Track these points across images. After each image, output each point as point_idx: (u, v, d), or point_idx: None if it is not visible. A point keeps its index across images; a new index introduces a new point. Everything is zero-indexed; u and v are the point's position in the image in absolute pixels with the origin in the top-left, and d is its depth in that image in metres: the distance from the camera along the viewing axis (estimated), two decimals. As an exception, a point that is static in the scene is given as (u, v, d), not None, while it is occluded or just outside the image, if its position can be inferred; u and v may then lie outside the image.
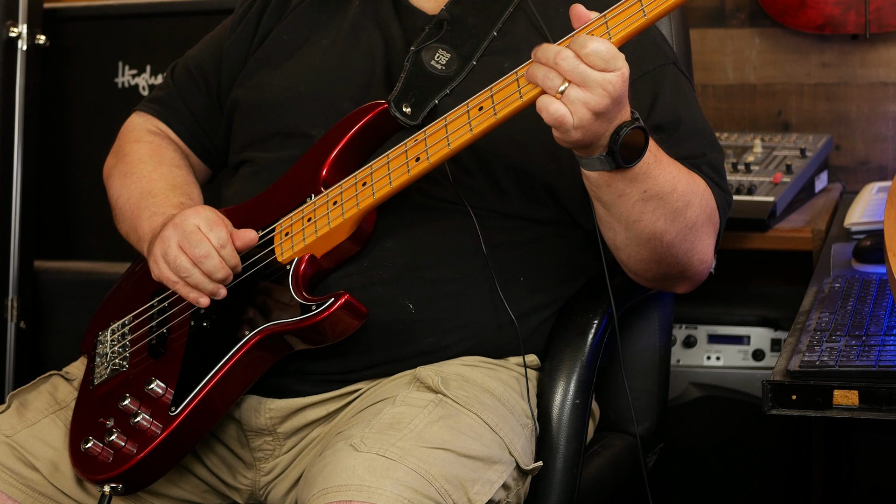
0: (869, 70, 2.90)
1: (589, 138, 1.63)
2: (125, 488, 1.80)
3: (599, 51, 1.58)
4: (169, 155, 2.06)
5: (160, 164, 2.02)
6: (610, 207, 1.76)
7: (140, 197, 1.97)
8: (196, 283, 1.80)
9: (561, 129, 1.61)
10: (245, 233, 1.82)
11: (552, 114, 1.60)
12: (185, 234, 1.79)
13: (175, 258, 1.79)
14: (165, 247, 1.81)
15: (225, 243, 1.80)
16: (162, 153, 2.05)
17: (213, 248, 1.79)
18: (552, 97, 1.60)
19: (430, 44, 1.90)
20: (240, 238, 1.82)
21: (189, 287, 1.81)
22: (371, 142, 1.86)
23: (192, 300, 1.81)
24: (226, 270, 1.80)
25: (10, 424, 1.87)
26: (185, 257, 1.79)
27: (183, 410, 1.77)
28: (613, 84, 1.59)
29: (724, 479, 2.74)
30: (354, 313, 1.76)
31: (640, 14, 1.61)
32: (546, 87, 1.60)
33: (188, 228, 1.80)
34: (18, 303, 2.83)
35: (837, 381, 1.68)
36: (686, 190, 1.78)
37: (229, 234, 1.81)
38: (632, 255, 1.83)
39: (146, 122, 2.11)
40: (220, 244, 1.80)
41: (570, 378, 1.90)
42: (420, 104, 1.85)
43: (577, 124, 1.60)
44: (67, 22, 2.98)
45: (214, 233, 1.80)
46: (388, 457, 1.64)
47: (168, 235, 1.81)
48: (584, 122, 1.60)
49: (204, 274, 1.79)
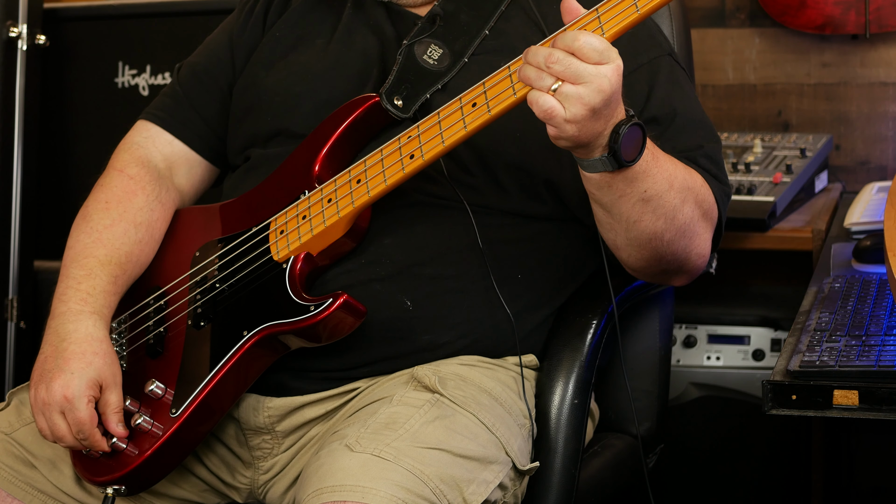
0: (869, 70, 2.90)
1: (586, 136, 1.62)
2: (128, 490, 1.80)
3: (592, 43, 1.57)
4: (137, 203, 1.96)
5: (120, 219, 1.94)
6: (610, 209, 1.76)
7: (74, 257, 1.92)
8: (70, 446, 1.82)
9: (552, 122, 1.60)
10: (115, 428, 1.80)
11: (541, 106, 1.59)
12: (50, 416, 1.78)
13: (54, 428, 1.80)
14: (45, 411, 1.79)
15: (86, 434, 1.78)
16: (131, 200, 1.96)
17: (74, 439, 1.79)
18: (543, 92, 1.59)
19: (422, 38, 1.89)
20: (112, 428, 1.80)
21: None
22: (363, 135, 1.85)
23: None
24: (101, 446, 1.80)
25: (10, 422, 1.87)
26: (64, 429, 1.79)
27: (184, 412, 1.77)
28: (608, 77, 1.58)
29: (724, 479, 2.74)
30: (353, 313, 1.76)
31: (633, 9, 1.61)
32: (539, 87, 1.59)
33: (54, 408, 1.78)
34: (18, 303, 2.83)
35: (837, 381, 1.67)
36: (683, 186, 1.78)
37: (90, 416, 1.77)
38: (632, 254, 1.83)
39: (146, 141, 2.04)
40: (78, 432, 1.78)
41: (568, 378, 1.90)
42: (411, 97, 1.85)
43: (571, 118, 1.59)
44: (67, 22, 2.98)
45: (72, 418, 1.77)
46: (383, 457, 1.64)
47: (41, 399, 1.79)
48: (579, 117, 1.59)
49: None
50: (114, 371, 1.81)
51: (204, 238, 1.93)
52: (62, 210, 3.01)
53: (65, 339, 1.81)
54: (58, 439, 1.80)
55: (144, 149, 2.03)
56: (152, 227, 1.97)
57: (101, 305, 1.86)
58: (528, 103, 1.61)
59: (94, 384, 1.78)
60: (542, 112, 1.60)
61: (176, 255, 1.95)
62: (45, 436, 1.81)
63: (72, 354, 1.79)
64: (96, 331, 1.82)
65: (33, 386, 1.81)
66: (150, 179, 2.00)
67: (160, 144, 2.05)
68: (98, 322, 1.83)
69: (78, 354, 1.79)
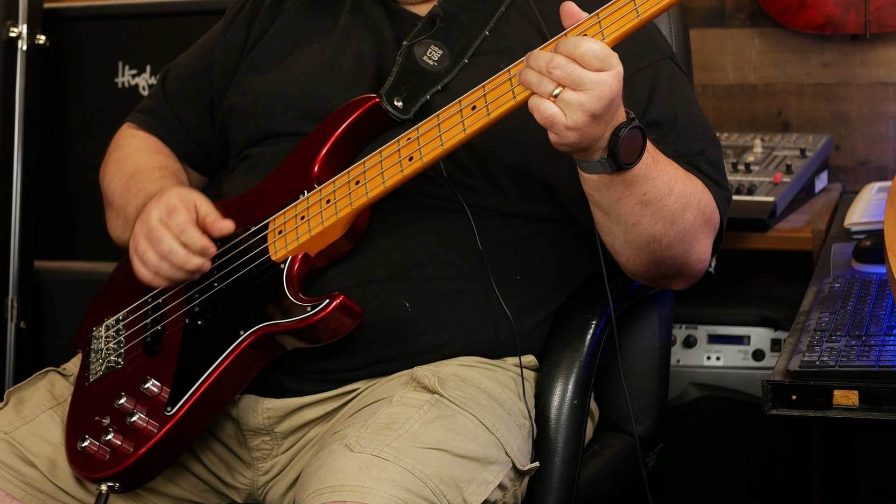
0: (869, 70, 2.90)
1: (586, 141, 1.62)
2: (122, 487, 1.80)
3: (594, 50, 1.57)
4: (165, 151, 2.08)
5: (157, 153, 2.05)
6: (609, 211, 1.76)
7: (130, 176, 1.99)
8: (169, 276, 1.81)
9: (554, 129, 1.60)
10: (221, 223, 1.81)
11: (542, 113, 1.59)
12: (149, 229, 1.80)
13: (144, 253, 1.81)
14: (136, 242, 1.82)
15: (183, 228, 1.79)
16: (159, 147, 2.08)
17: (175, 241, 1.78)
18: (544, 98, 1.59)
19: (422, 39, 1.89)
20: (215, 228, 1.81)
21: (164, 279, 1.81)
22: (363, 136, 1.85)
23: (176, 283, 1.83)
24: (194, 261, 1.79)
25: (8, 421, 1.87)
26: (152, 252, 1.80)
27: (179, 410, 1.77)
28: (609, 84, 1.58)
29: (724, 479, 2.74)
30: (349, 314, 1.76)
31: (634, 14, 1.60)
32: (540, 92, 1.59)
33: (152, 224, 1.80)
34: (18, 303, 2.83)
35: (837, 381, 1.67)
36: (683, 191, 1.78)
37: (192, 219, 1.79)
38: (630, 257, 1.83)
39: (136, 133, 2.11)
40: (178, 231, 1.79)
41: (568, 379, 1.90)
42: (412, 99, 1.85)
43: (572, 125, 1.59)
44: (67, 22, 2.98)
45: (173, 220, 1.79)
46: (383, 457, 1.64)
47: (136, 231, 1.83)
48: (580, 124, 1.60)
49: (175, 267, 1.80)
50: (203, 196, 1.83)
51: None
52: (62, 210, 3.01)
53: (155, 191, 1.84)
54: (157, 243, 1.78)
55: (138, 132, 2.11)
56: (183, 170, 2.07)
57: (181, 182, 1.96)
58: (529, 109, 1.61)
59: (186, 195, 1.82)
60: (544, 119, 1.60)
61: None
62: (148, 258, 1.79)
63: (165, 188, 1.85)
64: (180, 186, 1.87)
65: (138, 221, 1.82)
66: (162, 144, 2.09)
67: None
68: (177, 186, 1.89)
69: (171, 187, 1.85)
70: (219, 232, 1.82)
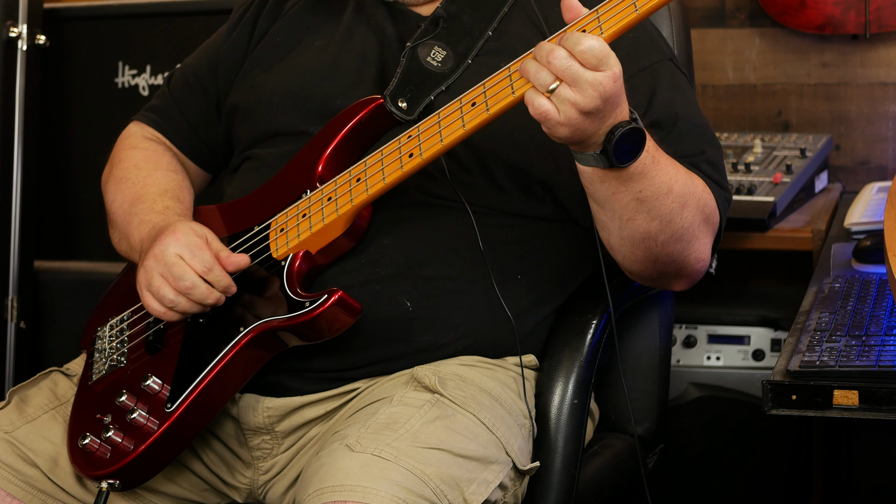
0: (869, 70, 2.90)
1: (579, 136, 1.64)
2: (122, 485, 1.80)
3: (594, 48, 1.58)
4: (165, 160, 2.06)
5: (155, 169, 2.02)
6: (603, 205, 1.76)
7: (132, 203, 1.97)
8: (185, 311, 1.79)
9: (547, 123, 1.62)
10: (237, 258, 1.81)
11: (537, 108, 1.61)
12: (167, 266, 1.78)
13: (159, 289, 1.78)
14: (149, 279, 1.79)
15: (210, 266, 1.79)
16: (158, 158, 2.06)
17: (198, 277, 1.78)
18: (539, 93, 1.60)
19: (425, 40, 1.90)
20: (231, 263, 1.81)
21: (178, 314, 1.80)
22: (367, 137, 1.86)
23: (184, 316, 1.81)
24: (215, 295, 1.79)
25: (10, 420, 1.87)
26: (168, 288, 1.78)
27: (179, 407, 1.77)
28: (603, 84, 1.59)
29: (724, 479, 2.74)
30: (348, 310, 1.76)
31: (632, 9, 1.61)
32: (537, 83, 1.61)
33: (169, 260, 1.78)
34: (18, 303, 2.83)
35: (837, 381, 1.67)
36: (683, 191, 1.78)
37: (214, 256, 1.79)
38: (626, 255, 1.83)
39: (142, 130, 2.12)
40: (204, 269, 1.78)
41: (568, 378, 1.90)
42: (416, 100, 1.86)
43: (564, 121, 1.61)
44: (67, 22, 2.98)
45: (198, 259, 1.78)
46: (384, 457, 1.64)
47: (150, 267, 1.79)
48: (572, 121, 1.61)
49: (194, 302, 1.79)
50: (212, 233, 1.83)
51: None
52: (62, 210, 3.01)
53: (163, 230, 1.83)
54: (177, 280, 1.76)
55: (145, 133, 2.11)
56: (185, 176, 2.06)
57: (181, 213, 1.93)
58: (524, 101, 1.62)
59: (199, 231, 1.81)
60: (537, 113, 1.61)
61: None
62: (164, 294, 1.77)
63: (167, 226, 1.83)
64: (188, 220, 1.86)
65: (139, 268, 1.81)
66: (165, 147, 2.09)
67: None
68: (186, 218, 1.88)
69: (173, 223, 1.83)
70: (234, 267, 1.81)
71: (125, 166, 2.04)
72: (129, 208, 1.96)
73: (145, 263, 1.80)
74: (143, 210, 1.94)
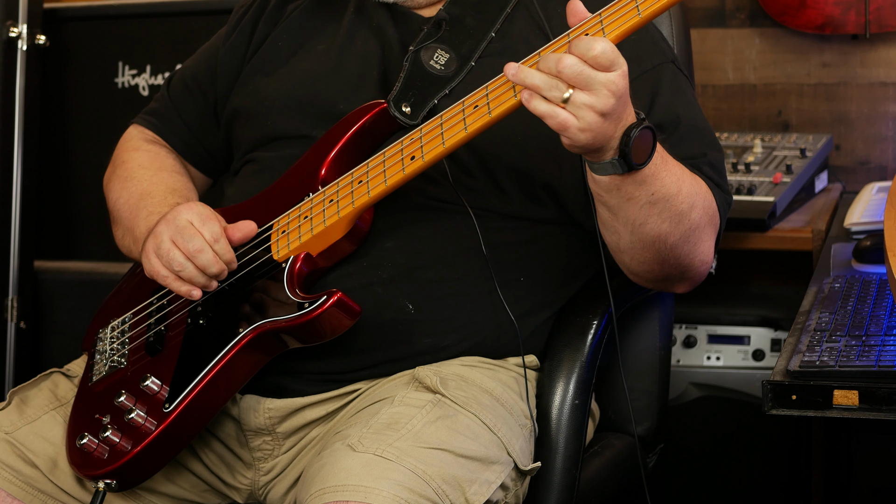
0: (869, 70, 2.90)
1: (600, 141, 1.62)
2: (119, 485, 1.80)
3: (607, 51, 1.57)
4: (169, 162, 2.07)
5: (160, 170, 2.03)
6: (617, 212, 1.75)
7: (139, 198, 1.98)
8: (189, 277, 1.80)
9: (567, 133, 1.60)
10: (243, 224, 1.83)
11: (555, 119, 1.58)
12: (178, 228, 1.80)
13: (168, 252, 1.79)
14: (158, 242, 1.81)
15: (218, 237, 1.80)
16: (162, 160, 2.07)
17: (207, 243, 1.79)
18: (553, 104, 1.58)
19: (428, 44, 1.89)
20: (238, 230, 1.82)
21: (181, 281, 1.81)
22: (371, 141, 1.86)
23: (185, 293, 1.82)
24: (220, 265, 1.80)
25: (11, 421, 1.87)
26: (178, 251, 1.79)
27: (176, 407, 1.77)
28: (616, 83, 1.58)
29: (724, 479, 2.74)
30: (347, 311, 1.76)
31: (635, 12, 1.61)
32: (551, 97, 1.58)
33: (181, 223, 1.80)
34: (18, 303, 2.83)
35: (837, 381, 1.67)
36: (690, 191, 1.78)
37: (222, 229, 1.81)
38: (635, 257, 1.83)
39: (143, 134, 2.12)
40: (213, 238, 1.80)
41: (569, 379, 1.90)
42: (419, 104, 1.85)
43: (585, 127, 1.59)
44: (67, 22, 2.99)
45: (207, 227, 1.80)
46: (386, 457, 1.64)
47: (160, 231, 1.81)
48: (593, 125, 1.59)
49: (198, 269, 1.79)
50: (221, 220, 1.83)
51: None
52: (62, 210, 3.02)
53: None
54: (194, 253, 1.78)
55: (146, 136, 2.11)
56: (189, 178, 2.06)
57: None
58: (539, 117, 1.60)
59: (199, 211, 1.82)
60: (556, 124, 1.59)
61: None
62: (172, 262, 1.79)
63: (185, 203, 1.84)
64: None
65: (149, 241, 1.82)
66: (167, 149, 2.10)
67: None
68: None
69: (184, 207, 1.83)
70: (241, 234, 1.82)
71: (130, 166, 2.05)
72: (136, 202, 1.97)
73: (156, 229, 1.82)
74: (152, 203, 1.95)
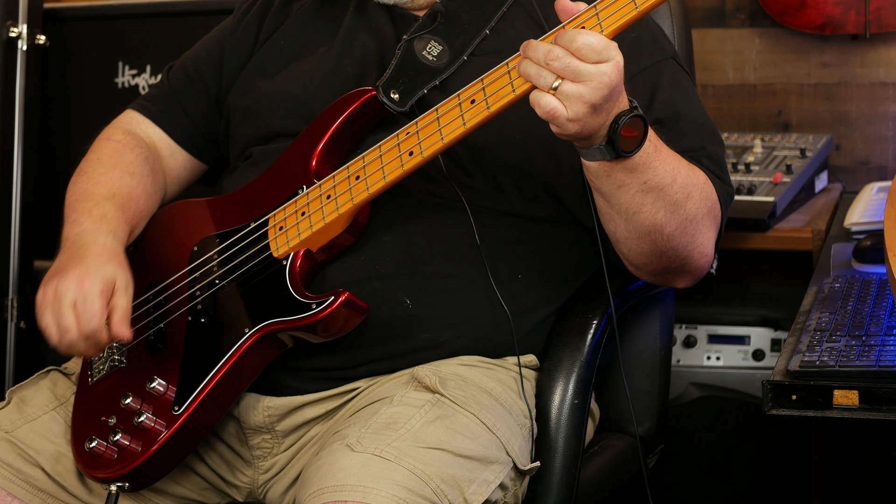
0: (869, 70, 2.90)
1: (588, 130, 1.63)
2: (132, 487, 1.80)
3: (591, 43, 1.57)
4: (128, 160, 2.01)
5: (113, 168, 1.99)
6: (609, 199, 1.76)
7: (77, 199, 1.95)
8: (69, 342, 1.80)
9: (556, 122, 1.61)
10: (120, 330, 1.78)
11: (544, 108, 1.60)
12: (60, 313, 1.77)
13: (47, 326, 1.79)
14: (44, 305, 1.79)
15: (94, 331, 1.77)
16: (122, 156, 2.02)
17: (80, 335, 1.77)
18: (544, 92, 1.59)
19: (422, 34, 1.90)
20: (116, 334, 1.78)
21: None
22: (359, 129, 1.86)
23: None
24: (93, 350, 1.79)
25: (11, 420, 1.87)
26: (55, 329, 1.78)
27: (186, 409, 1.77)
28: (609, 75, 1.59)
29: (724, 479, 2.74)
30: (355, 310, 1.76)
31: (632, 6, 1.61)
32: (539, 85, 1.60)
33: (63, 309, 1.77)
34: (18, 303, 2.83)
35: (837, 381, 1.67)
36: (686, 182, 1.78)
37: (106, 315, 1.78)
38: (632, 248, 1.83)
39: (130, 121, 2.10)
40: (88, 332, 1.77)
41: (568, 378, 1.90)
42: (408, 92, 1.85)
43: (573, 117, 1.60)
44: (67, 22, 2.98)
45: (86, 319, 1.76)
46: (384, 457, 1.64)
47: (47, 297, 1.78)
48: (581, 115, 1.60)
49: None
50: (127, 279, 1.81)
51: (201, 233, 1.93)
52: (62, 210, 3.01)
53: (81, 248, 1.82)
54: (63, 332, 1.77)
55: (129, 125, 2.09)
56: (145, 179, 2.00)
57: (115, 227, 1.89)
58: (530, 104, 1.61)
59: (109, 282, 1.78)
60: (545, 112, 1.60)
61: (174, 250, 1.95)
62: (50, 333, 1.78)
63: (89, 254, 1.81)
64: (114, 244, 1.84)
65: (44, 284, 1.80)
66: (137, 143, 2.05)
67: (144, 128, 2.10)
68: (114, 239, 1.85)
69: (95, 255, 1.80)
70: (116, 339, 1.79)
71: (90, 159, 2.03)
72: (73, 203, 1.95)
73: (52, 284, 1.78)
74: (82, 209, 1.92)
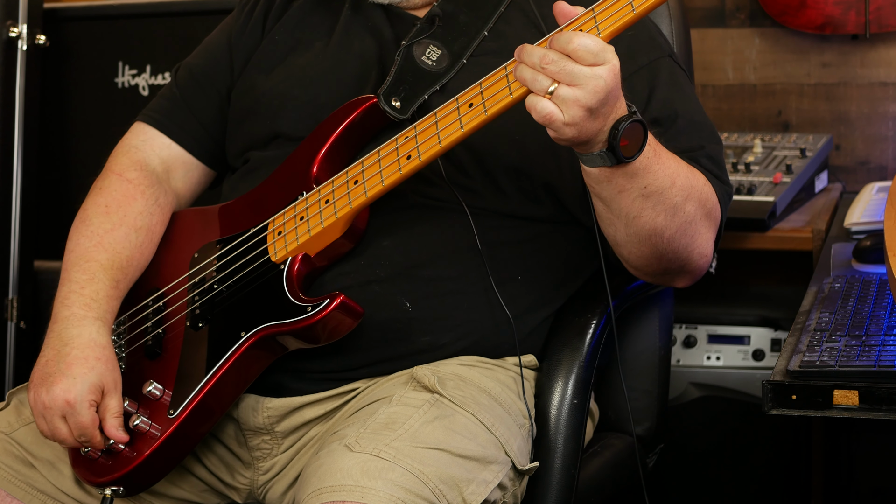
0: (869, 70, 2.90)
1: (585, 135, 1.63)
2: (126, 490, 1.80)
3: (587, 45, 1.57)
4: (137, 208, 1.96)
5: (120, 224, 1.94)
6: (610, 204, 1.76)
7: (77, 259, 1.92)
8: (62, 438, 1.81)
9: (552, 126, 1.61)
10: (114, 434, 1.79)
11: (540, 112, 1.59)
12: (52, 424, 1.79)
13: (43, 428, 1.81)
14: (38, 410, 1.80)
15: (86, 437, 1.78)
16: (131, 204, 1.96)
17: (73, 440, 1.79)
18: (540, 97, 1.59)
19: (421, 39, 1.89)
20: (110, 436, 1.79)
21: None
22: (361, 136, 1.85)
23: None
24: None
25: (9, 422, 1.87)
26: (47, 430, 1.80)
27: (181, 413, 1.77)
28: (605, 78, 1.58)
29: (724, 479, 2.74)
30: (350, 313, 1.76)
31: (629, 8, 1.61)
32: (535, 89, 1.59)
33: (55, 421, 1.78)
34: (18, 303, 2.83)
35: (837, 381, 1.67)
36: (685, 184, 1.77)
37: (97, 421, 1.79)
38: (633, 251, 1.83)
39: (142, 144, 2.04)
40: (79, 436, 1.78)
41: (568, 378, 1.90)
42: (410, 99, 1.85)
43: (569, 121, 1.59)
44: (67, 22, 2.98)
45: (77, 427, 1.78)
46: (383, 457, 1.64)
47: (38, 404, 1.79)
48: (577, 119, 1.60)
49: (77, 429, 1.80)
50: (115, 377, 1.81)
51: (203, 239, 1.93)
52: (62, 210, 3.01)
53: (67, 344, 1.81)
54: (59, 441, 1.81)
55: (142, 152, 2.03)
56: (152, 231, 1.97)
57: (104, 311, 1.87)
58: (526, 108, 1.61)
59: (96, 389, 1.79)
60: (541, 117, 1.60)
61: (175, 257, 1.95)
62: (46, 436, 1.81)
63: (74, 359, 1.79)
64: (99, 336, 1.82)
65: (33, 388, 1.81)
66: (149, 183, 2.00)
67: (157, 147, 2.04)
68: (101, 328, 1.84)
69: (80, 359, 1.79)
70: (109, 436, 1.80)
71: (97, 203, 1.97)
72: (71, 262, 1.92)
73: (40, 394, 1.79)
74: (76, 280, 1.88)
